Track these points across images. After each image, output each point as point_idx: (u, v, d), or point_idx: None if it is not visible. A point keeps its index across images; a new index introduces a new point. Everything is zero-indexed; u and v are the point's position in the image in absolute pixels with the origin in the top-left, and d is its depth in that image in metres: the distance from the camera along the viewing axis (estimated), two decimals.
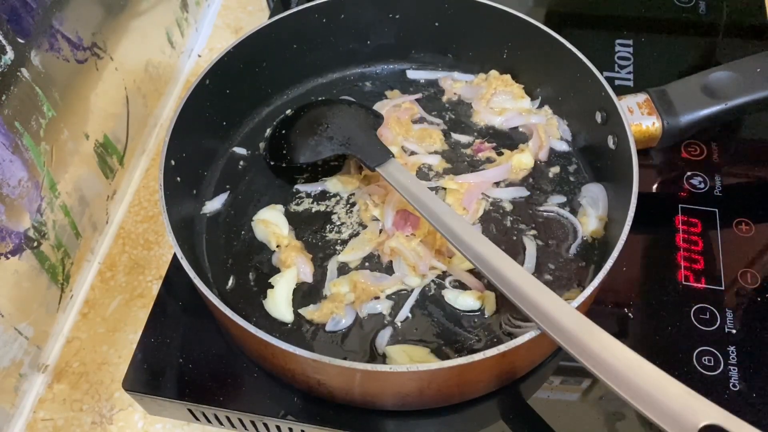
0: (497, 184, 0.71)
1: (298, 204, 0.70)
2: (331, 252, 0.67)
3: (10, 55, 0.58)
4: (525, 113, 0.75)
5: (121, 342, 0.69)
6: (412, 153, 0.74)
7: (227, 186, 0.72)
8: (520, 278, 0.53)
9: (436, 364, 0.48)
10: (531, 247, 0.66)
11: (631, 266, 0.65)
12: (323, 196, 0.71)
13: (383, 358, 0.60)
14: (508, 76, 0.76)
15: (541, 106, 0.76)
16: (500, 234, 0.67)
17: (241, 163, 0.74)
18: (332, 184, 0.72)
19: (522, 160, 0.71)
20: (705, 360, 0.59)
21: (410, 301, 0.63)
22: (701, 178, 0.72)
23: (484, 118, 0.76)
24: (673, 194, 0.71)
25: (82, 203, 0.72)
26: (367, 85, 0.80)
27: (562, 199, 0.69)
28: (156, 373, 0.60)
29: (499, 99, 0.76)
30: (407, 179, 0.62)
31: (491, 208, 0.69)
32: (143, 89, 0.82)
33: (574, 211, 0.68)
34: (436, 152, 0.74)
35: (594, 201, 0.67)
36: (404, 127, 0.74)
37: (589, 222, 0.67)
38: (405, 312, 0.62)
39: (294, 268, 0.64)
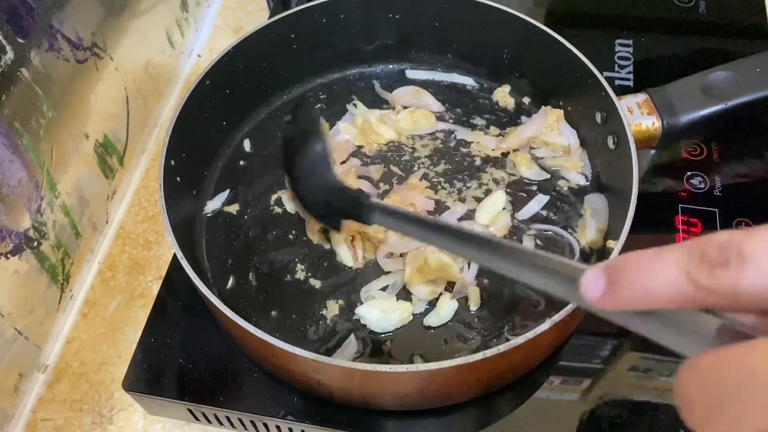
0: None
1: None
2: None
3: (10, 55, 0.58)
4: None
5: (121, 342, 0.69)
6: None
7: (227, 186, 0.72)
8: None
9: (436, 364, 0.48)
10: (530, 247, 0.66)
11: None
12: None
13: (382, 356, 0.60)
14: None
15: (539, 106, 0.76)
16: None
17: (242, 162, 0.74)
18: None
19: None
20: None
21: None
22: (701, 178, 0.72)
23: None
24: (673, 194, 0.71)
25: (82, 203, 0.72)
26: (367, 85, 0.80)
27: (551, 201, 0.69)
28: (156, 373, 0.60)
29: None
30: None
31: None
32: (143, 89, 0.82)
33: (574, 219, 0.68)
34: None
35: (595, 212, 0.66)
36: None
37: (588, 233, 0.65)
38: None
39: None
